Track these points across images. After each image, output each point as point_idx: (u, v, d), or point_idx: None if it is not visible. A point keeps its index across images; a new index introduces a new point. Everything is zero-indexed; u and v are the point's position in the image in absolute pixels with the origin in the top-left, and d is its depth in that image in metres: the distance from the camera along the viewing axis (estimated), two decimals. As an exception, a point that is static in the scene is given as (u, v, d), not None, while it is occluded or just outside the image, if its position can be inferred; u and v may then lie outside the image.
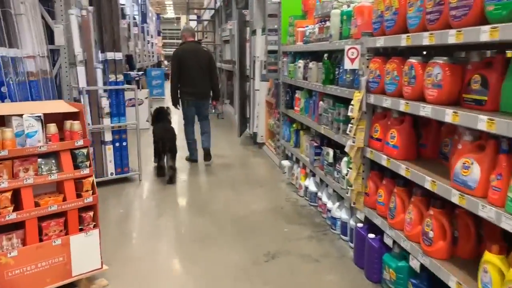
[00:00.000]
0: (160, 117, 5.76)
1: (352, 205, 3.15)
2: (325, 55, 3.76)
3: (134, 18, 14.61)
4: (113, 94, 4.86)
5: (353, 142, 2.99)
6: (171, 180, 4.98)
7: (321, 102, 3.93)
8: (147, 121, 8.65)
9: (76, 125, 2.57)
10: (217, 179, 5.26)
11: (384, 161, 2.68)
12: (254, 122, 7.10)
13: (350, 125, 3.01)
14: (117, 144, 4.95)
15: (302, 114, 4.58)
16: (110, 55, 4.78)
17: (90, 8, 4.73)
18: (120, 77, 4.89)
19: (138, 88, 8.94)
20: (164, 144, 5.20)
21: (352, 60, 3.06)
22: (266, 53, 5.56)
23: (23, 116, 2.40)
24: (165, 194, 4.71)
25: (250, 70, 7.43)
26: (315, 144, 4.12)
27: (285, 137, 5.23)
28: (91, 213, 2.65)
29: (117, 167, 4.98)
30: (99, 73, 4.82)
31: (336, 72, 3.58)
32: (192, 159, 5.99)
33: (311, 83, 4.11)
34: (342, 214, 3.45)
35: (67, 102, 2.89)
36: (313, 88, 4.07)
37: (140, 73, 9.06)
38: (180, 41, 6.43)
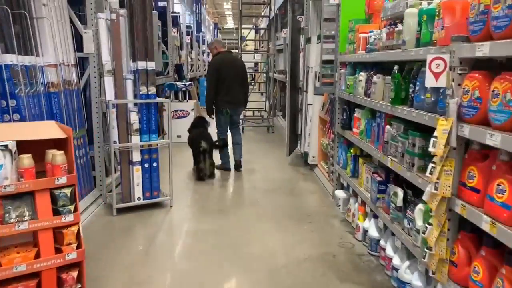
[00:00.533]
0: (197, 125, 6.01)
1: (430, 274, 2.28)
2: (395, 67, 2.92)
3: (190, 27, 14.35)
4: (144, 108, 4.28)
5: (435, 189, 2.13)
6: (212, 175, 5.51)
7: (388, 127, 3.08)
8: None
9: (59, 156, 1.95)
10: (259, 208, 4.52)
11: (485, 224, 1.81)
12: (305, 140, 6.31)
13: (431, 164, 2.17)
14: (146, 165, 4.36)
15: (362, 138, 3.74)
16: (141, 64, 4.21)
17: (122, 11, 4.20)
18: (153, 90, 4.30)
19: (185, 99, 8.46)
20: (200, 144, 5.50)
21: (437, 75, 2.22)
22: (320, 63, 4.77)
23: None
24: (195, 226, 4.03)
25: (303, 81, 6.66)
26: (379, 178, 3.27)
27: (341, 163, 4.40)
28: (75, 273, 2.00)
29: (145, 191, 4.38)
30: (129, 85, 4.27)
31: (411, 90, 2.73)
32: (225, 167, 6.05)
33: (375, 101, 3.28)
34: (414, 280, 2.59)
35: (58, 125, 2.28)
36: (377, 108, 3.24)
37: (188, 83, 8.55)
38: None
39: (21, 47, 3.46)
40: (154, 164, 4.42)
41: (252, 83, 18.40)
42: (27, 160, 1.88)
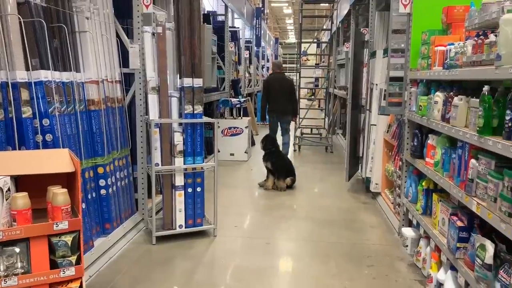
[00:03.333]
0: (274, 153, 6.09)
1: None
2: (485, 87, 2.33)
3: (249, 42, 14.17)
4: (189, 128, 3.94)
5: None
6: (291, 186, 5.89)
7: (473, 161, 2.48)
8: (245, 152, 7.76)
9: (60, 196, 1.62)
10: (312, 244, 4.00)
11: None
12: (367, 165, 5.70)
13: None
14: (189, 190, 4.01)
15: (437, 171, 3.13)
16: (187, 81, 3.89)
17: (169, 24, 3.92)
18: (199, 109, 3.96)
19: (239, 116, 8.14)
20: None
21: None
22: (387, 80, 4.20)
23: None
24: (238, 262, 3.59)
25: (366, 99, 6.08)
26: (459, 223, 2.66)
27: (409, 196, 3.79)
28: None
29: (188, 218, 4.03)
30: (174, 103, 3.96)
31: (507, 118, 2.13)
32: None
33: (456, 128, 2.69)
34: None
35: (71, 155, 1.95)
36: (459, 137, 2.64)
37: (243, 99, 8.23)
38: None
39: (59, 63, 3.25)
40: (198, 189, 4.05)
41: (312, 98, 17.90)
42: (21, 200, 1.55)
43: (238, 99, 8.14)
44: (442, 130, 2.97)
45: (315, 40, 15.27)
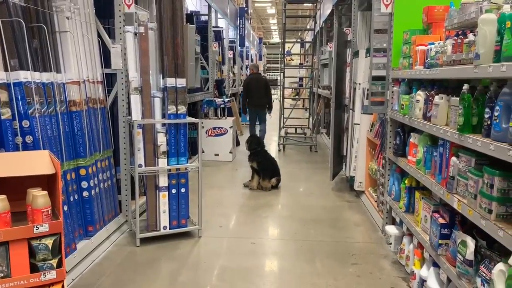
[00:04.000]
0: (259, 152, 6.15)
1: None
2: (465, 86, 2.37)
3: (233, 42, 14.14)
4: (172, 129, 3.92)
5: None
6: (277, 186, 5.99)
7: (453, 158, 2.52)
8: (230, 152, 7.75)
9: (40, 198, 1.59)
10: (297, 244, 4.01)
11: None
12: (351, 163, 5.75)
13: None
14: (173, 191, 3.98)
15: (419, 168, 3.17)
16: (170, 82, 3.86)
17: (151, 24, 3.88)
18: (182, 109, 3.93)
19: (223, 116, 8.12)
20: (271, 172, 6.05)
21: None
22: (370, 79, 4.24)
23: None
24: (223, 263, 3.58)
25: (350, 99, 6.12)
26: (441, 220, 2.70)
27: (392, 194, 3.83)
28: None
29: (172, 219, 4.00)
30: (157, 104, 3.93)
31: (486, 116, 2.17)
32: None
33: (437, 126, 2.73)
34: None
35: (51, 157, 1.92)
36: (440, 135, 2.68)
37: (227, 99, 8.21)
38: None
39: (39, 63, 3.19)
40: (183, 190, 4.03)
41: (296, 98, 17.96)
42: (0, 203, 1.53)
43: (222, 99, 8.12)
44: (423, 128, 3.01)
45: (299, 40, 15.31)
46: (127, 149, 4.25)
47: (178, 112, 3.93)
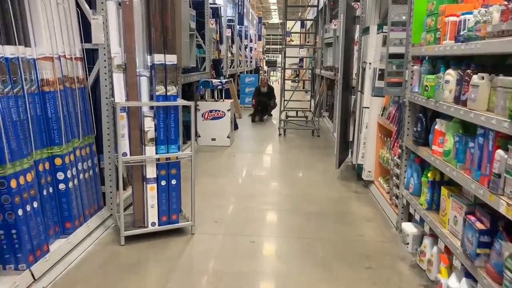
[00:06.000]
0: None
1: None
2: (520, 62, 1.89)
3: (232, 21, 13.53)
4: (161, 113, 3.44)
5: None
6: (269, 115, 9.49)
7: (500, 151, 2.05)
8: (228, 137, 7.29)
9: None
10: (302, 242, 3.58)
11: None
12: (359, 150, 5.29)
13: None
14: (163, 183, 3.53)
15: (447, 161, 2.71)
16: (158, 58, 3.37)
17: (137, -8, 3.37)
18: (172, 90, 3.45)
19: (221, 98, 7.63)
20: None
21: None
22: (387, 57, 3.75)
23: None
24: (219, 265, 3.15)
25: (358, 80, 5.64)
26: (480, 225, 2.25)
27: (410, 188, 3.38)
28: None
29: (161, 215, 3.56)
30: (143, 83, 3.45)
31: (554, 99, 1.70)
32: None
33: (476, 112, 2.26)
34: None
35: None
36: (480, 123, 2.21)
37: (225, 80, 7.70)
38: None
39: (1, 35, 2.69)
40: (173, 182, 3.58)
41: (296, 80, 17.40)
42: None
43: (219, 80, 7.60)
44: (455, 114, 2.54)
45: (301, 17, 14.68)
46: (111, 135, 3.78)
47: (168, 94, 3.45)
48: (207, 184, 5.09)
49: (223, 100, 7.57)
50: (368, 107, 5.10)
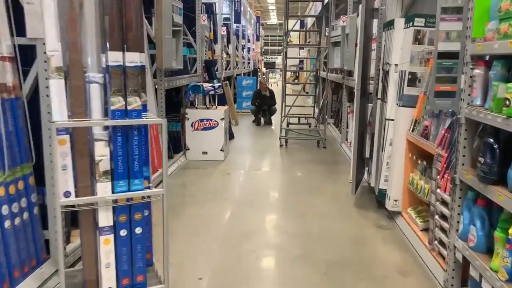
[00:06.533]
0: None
1: None
2: None
3: (228, 19, 12.54)
4: (118, 135, 2.43)
5: None
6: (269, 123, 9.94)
7: None
8: (221, 150, 6.29)
9: None
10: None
11: None
12: (380, 172, 4.30)
13: None
14: (122, 233, 2.51)
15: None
16: (114, 57, 2.36)
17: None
18: (135, 103, 2.44)
19: (213, 103, 6.63)
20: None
21: None
22: (435, 57, 2.74)
23: None
24: None
25: (376, 85, 4.66)
26: None
27: (471, 240, 2.38)
28: None
29: (122, 276, 2.54)
30: (95, 93, 2.43)
31: None
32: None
33: None
34: None
35: None
36: None
37: (218, 84, 6.69)
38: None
39: None
40: (138, 230, 2.56)
41: (296, 83, 16.41)
42: None
43: (212, 85, 6.59)
44: None
45: (304, 14, 13.71)
46: (55, 163, 2.76)
47: (129, 108, 2.44)
48: (192, 216, 4.07)
49: (216, 107, 6.56)
50: (392, 119, 4.11)
